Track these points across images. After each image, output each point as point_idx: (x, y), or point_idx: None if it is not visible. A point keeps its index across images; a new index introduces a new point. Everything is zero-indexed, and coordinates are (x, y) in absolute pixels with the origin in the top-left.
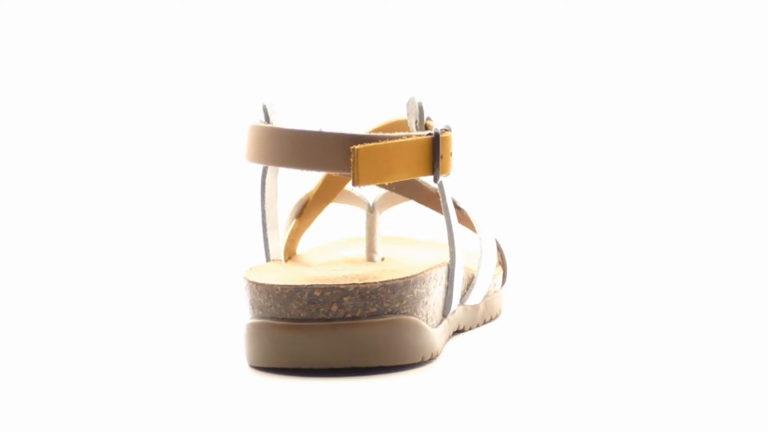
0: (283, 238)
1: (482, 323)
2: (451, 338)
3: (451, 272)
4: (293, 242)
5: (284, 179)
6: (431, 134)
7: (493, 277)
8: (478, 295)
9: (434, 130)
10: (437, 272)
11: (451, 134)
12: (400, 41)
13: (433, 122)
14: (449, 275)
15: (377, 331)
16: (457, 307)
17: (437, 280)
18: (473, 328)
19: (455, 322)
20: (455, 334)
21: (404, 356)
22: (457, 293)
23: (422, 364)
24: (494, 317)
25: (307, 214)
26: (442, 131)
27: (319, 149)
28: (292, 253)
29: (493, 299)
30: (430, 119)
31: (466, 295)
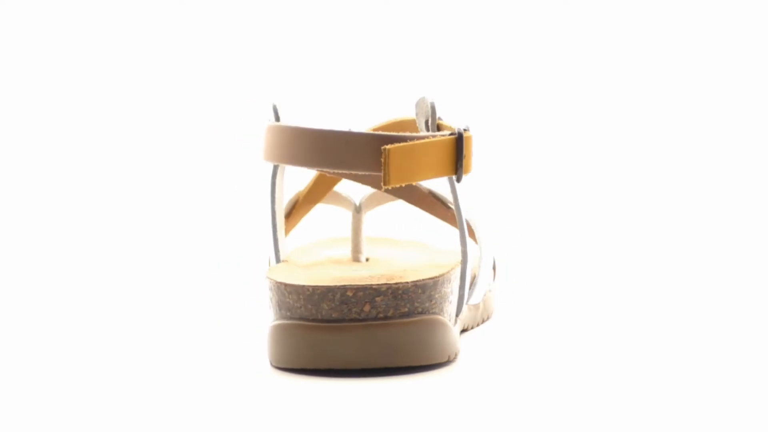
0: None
1: (481, 322)
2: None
3: (462, 272)
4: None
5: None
6: (454, 134)
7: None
8: (479, 293)
9: (457, 129)
10: (457, 271)
11: (471, 134)
12: (399, 41)
13: (443, 122)
14: (461, 275)
15: (409, 330)
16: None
17: (457, 279)
18: (474, 327)
19: (462, 321)
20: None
21: (433, 356)
22: (467, 292)
23: (448, 363)
24: (490, 316)
25: (295, 214)
26: (464, 131)
27: (348, 149)
28: None
29: (488, 298)
30: (440, 119)
31: (469, 294)
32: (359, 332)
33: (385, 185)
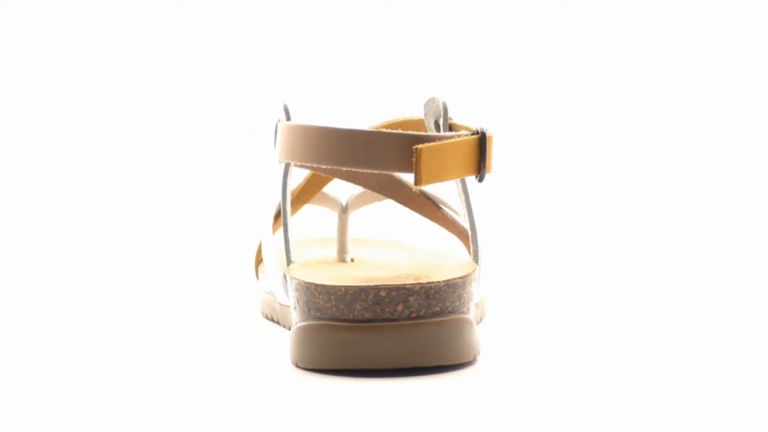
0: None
1: (479, 321)
2: None
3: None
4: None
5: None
6: (477, 134)
7: None
8: (479, 292)
9: (480, 129)
10: (478, 271)
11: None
12: (398, 41)
13: (455, 122)
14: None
15: (441, 330)
16: None
17: (477, 279)
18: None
19: None
20: None
21: (461, 355)
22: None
23: (473, 362)
24: (485, 315)
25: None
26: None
27: (379, 149)
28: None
29: (483, 297)
30: (451, 118)
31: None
32: (393, 332)
33: (416, 185)
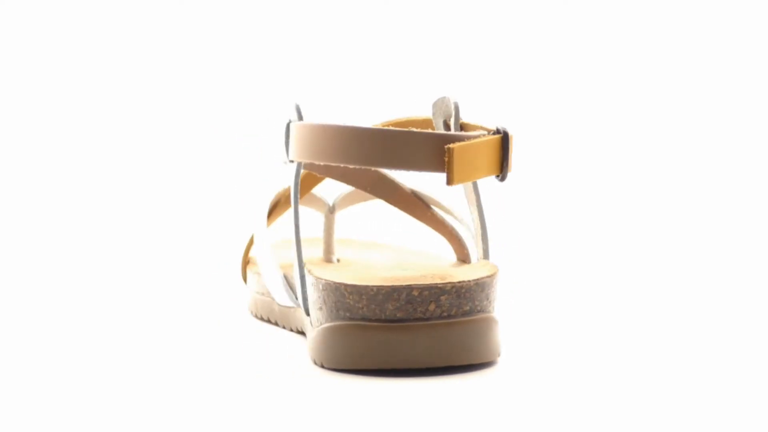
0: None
1: None
2: None
3: None
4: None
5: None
6: (498, 133)
7: None
8: None
9: (501, 129)
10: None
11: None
12: (396, 41)
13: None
14: None
15: (471, 329)
16: None
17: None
18: None
19: None
20: None
21: (489, 354)
22: None
23: (496, 361)
24: None
25: (273, 215)
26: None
27: (410, 148)
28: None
29: None
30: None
31: None
32: (426, 332)
33: (448, 184)
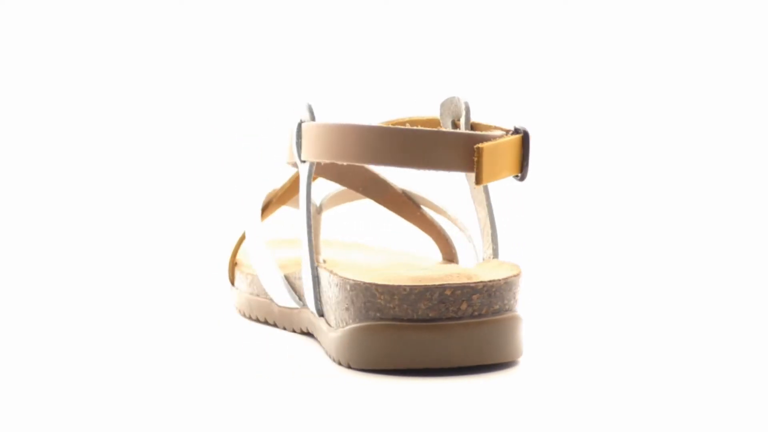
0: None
1: None
2: None
3: None
4: (241, 245)
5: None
6: (518, 132)
7: None
8: None
9: (520, 128)
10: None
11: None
12: (395, 41)
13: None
14: None
15: (501, 327)
16: None
17: None
18: None
19: None
20: None
21: (515, 353)
22: None
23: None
24: None
25: (263, 217)
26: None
27: (440, 149)
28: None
29: None
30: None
31: None
32: (459, 331)
33: (477, 184)
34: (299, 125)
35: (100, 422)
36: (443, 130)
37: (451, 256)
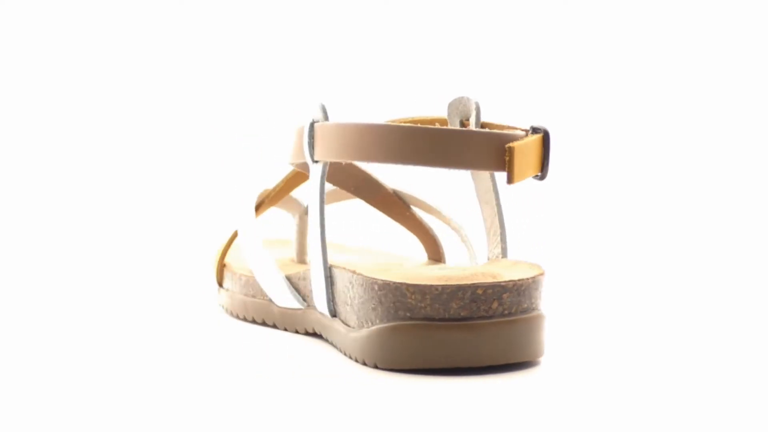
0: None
1: None
2: None
3: None
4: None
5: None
6: (537, 132)
7: None
8: None
9: (540, 128)
10: None
11: None
12: (394, 41)
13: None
14: None
15: (530, 326)
16: None
17: None
18: None
19: None
20: None
21: (540, 351)
22: None
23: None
24: None
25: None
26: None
27: (472, 148)
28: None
29: None
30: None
31: None
32: (490, 330)
33: (509, 183)
34: (311, 125)
35: (100, 422)
36: (473, 129)
37: (438, 256)
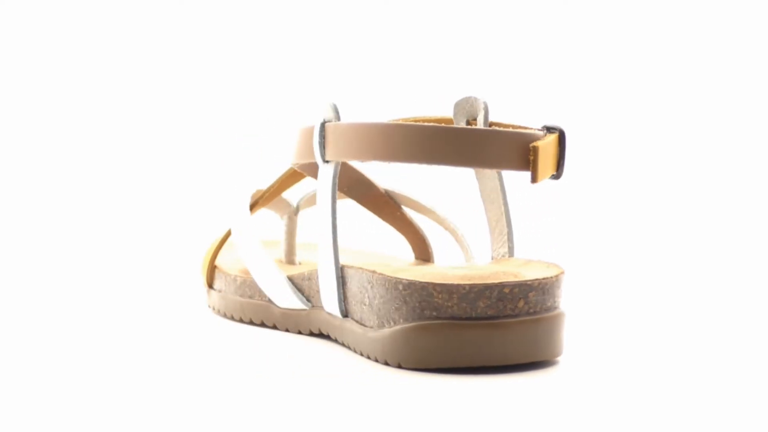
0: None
1: None
2: None
3: None
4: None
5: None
6: (552, 131)
7: None
8: None
9: (555, 127)
10: None
11: None
12: (394, 41)
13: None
14: None
15: (553, 325)
16: None
17: None
18: None
19: None
20: None
21: (560, 349)
22: None
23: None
24: None
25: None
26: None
27: (497, 148)
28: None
29: None
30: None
31: None
32: (517, 328)
33: (533, 182)
34: (322, 125)
35: (101, 423)
36: (497, 129)
37: (426, 256)
